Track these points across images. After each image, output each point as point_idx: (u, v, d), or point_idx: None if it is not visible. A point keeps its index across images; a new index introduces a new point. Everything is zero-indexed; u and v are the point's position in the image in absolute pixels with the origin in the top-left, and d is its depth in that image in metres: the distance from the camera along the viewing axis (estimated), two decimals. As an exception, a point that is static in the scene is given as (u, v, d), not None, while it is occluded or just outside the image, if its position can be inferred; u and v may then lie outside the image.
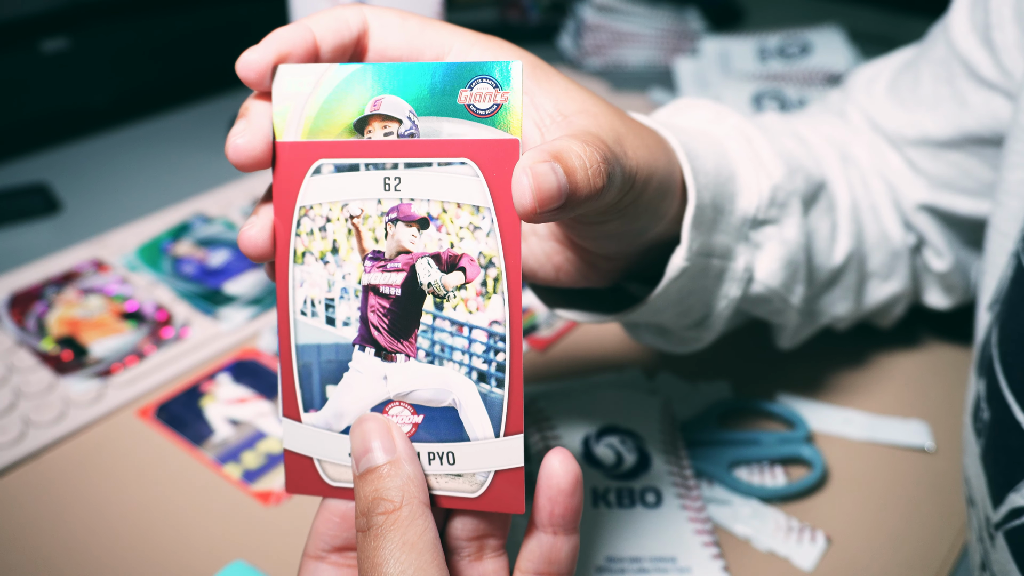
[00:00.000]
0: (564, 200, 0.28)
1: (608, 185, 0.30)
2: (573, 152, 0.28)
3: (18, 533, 0.44)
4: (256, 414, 0.52)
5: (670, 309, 0.41)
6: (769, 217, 0.43)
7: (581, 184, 0.28)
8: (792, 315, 0.48)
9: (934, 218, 0.52)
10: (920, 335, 0.60)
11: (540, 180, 0.27)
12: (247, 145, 0.30)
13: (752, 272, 0.43)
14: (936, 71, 0.51)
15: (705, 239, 0.39)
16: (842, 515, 0.47)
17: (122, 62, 0.83)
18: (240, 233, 0.31)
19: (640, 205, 0.34)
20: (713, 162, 0.40)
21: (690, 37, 1.03)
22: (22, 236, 0.69)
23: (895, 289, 0.54)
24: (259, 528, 0.45)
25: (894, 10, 1.21)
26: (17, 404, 0.51)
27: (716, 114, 0.46)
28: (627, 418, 0.48)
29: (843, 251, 0.50)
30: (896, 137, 0.52)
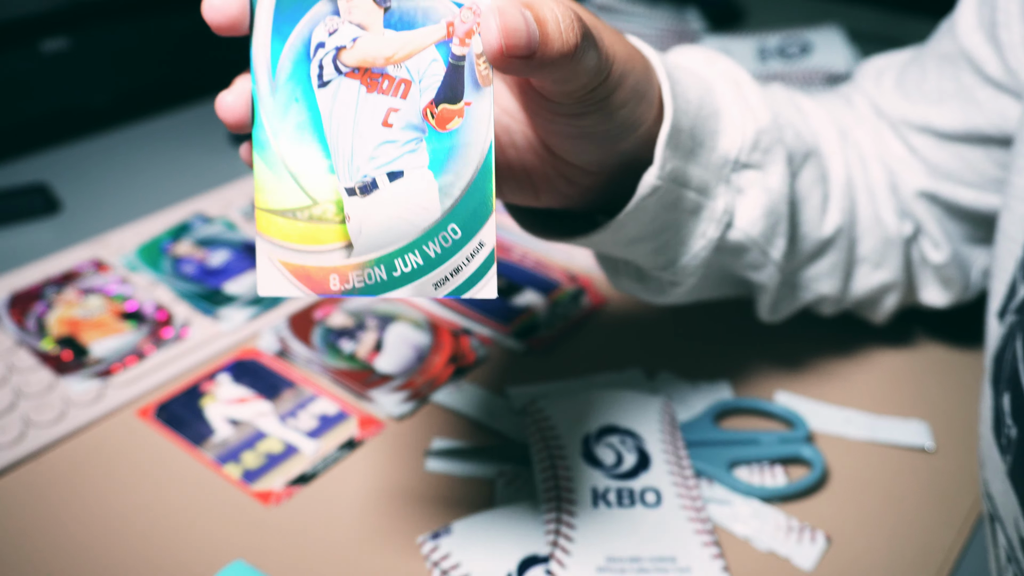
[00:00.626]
0: (534, 48, 0.28)
1: (583, 49, 0.30)
2: (546, 5, 0.29)
3: (18, 533, 0.44)
4: (256, 414, 0.52)
5: (646, 241, 0.41)
6: (752, 161, 0.43)
7: (552, 35, 0.29)
8: (772, 272, 0.47)
9: (934, 206, 0.52)
10: (920, 335, 0.60)
11: (507, 19, 0.28)
12: (222, 4, 0.30)
13: (731, 216, 0.43)
14: (942, 66, 0.50)
15: (680, 165, 0.39)
16: (842, 515, 0.47)
17: (122, 62, 0.83)
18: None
19: (616, 101, 0.34)
20: (696, 94, 0.40)
21: (690, 37, 1.03)
22: (22, 236, 0.69)
23: (886, 278, 0.53)
24: (259, 528, 0.45)
25: (894, 10, 1.21)
26: (17, 404, 0.51)
27: (708, 58, 0.46)
28: (627, 418, 0.48)
29: (833, 223, 0.49)
30: (900, 124, 0.52)
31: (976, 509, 0.47)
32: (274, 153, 0.31)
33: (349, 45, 0.30)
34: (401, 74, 0.30)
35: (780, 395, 0.54)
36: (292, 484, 0.47)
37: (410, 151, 0.30)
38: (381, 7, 0.30)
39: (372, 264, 0.31)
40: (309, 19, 0.30)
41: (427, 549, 0.43)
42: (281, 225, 0.31)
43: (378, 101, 0.30)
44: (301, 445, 0.50)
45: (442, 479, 0.48)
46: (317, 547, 0.44)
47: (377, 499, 0.47)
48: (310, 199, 0.31)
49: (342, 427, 0.51)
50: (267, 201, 0.31)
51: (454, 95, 0.30)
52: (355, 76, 0.30)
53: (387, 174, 0.31)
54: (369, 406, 0.53)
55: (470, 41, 0.30)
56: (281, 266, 0.31)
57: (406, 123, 0.30)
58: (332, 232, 0.31)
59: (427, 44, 0.30)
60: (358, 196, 0.31)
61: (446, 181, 0.30)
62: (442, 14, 0.30)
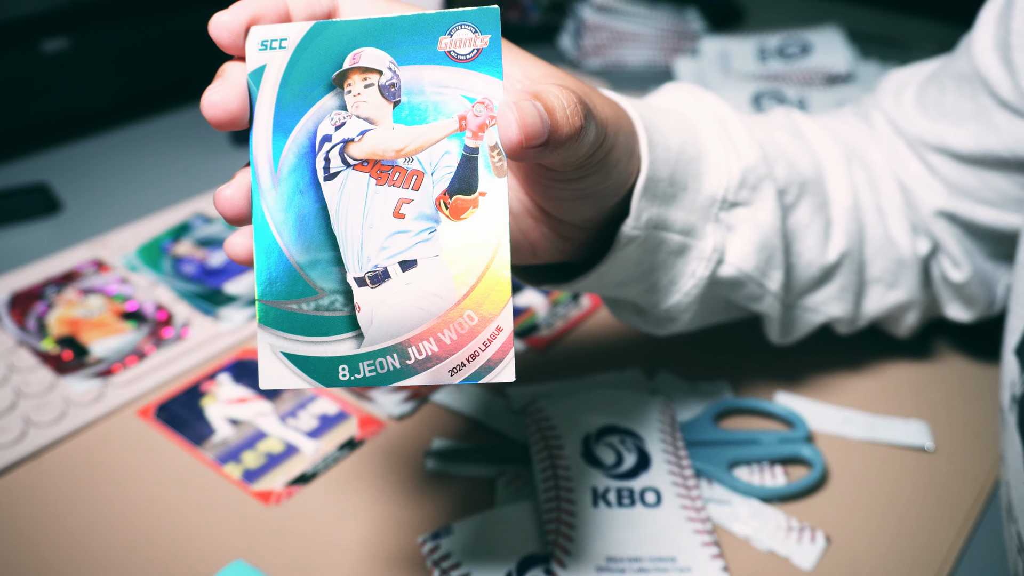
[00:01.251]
0: (547, 136, 0.29)
1: (586, 127, 0.31)
2: (551, 93, 0.30)
3: (18, 533, 0.44)
4: (256, 414, 0.52)
5: (634, 284, 0.43)
6: (740, 199, 0.44)
7: (561, 122, 0.30)
8: (772, 302, 0.48)
9: (953, 226, 0.51)
10: (920, 336, 0.60)
11: (524, 114, 0.29)
12: (222, 101, 0.30)
13: (722, 253, 0.44)
14: (960, 85, 0.50)
15: (659, 212, 0.40)
16: (842, 515, 0.47)
17: (122, 62, 0.83)
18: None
19: (612, 159, 0.36)
20: (678, 140, 0.41)
21: (690, 37, 1.03)
22: (22, 236, 0.69)
23: (901, 298, 0.53)
24: (259, 528, 0.45)
25: (894, 10, 1.21)
26: (18, 404, 0.51)
27: (695, 97, 0.46)
28: (627, 418, 0.48)
29: (837, 249, 0.49)
30: (917, 142, 0.52)
31: (976, 509, 0.47)
32: (277, 245, 0.30)
33: (357, 138, 0.30)
34: (412, 166, 0.30)
35: (780, 395, 0.54)
36: (292, 484, 0.47)
37: (423, 240, 0.30)
38: (390, 102, 0.30)
39: (384, 353, 0.30)
40: (314, 113, 0.30)
41: (427, 549, 0.43)
42: (284, 316, 0.31)
43: (389, 193, 0.30)
44: (301, 445, 0.50)
45: (442, 479, 0.48)
46: (317, 547, 0.44)
47: (377, 499, 0.47)
48: (316, 290, 0.30)
49: (342, 427, 0.51)
50: (270, 293, 0.31)
51: (468, 186, 0.30)
52: (364, 169, 0.30)
53: (399, 263, 0.30)
54: (369, 406, 0.53)
55: (483, 134, 0.30)
56: (284, 358, 0.31)
57: (419, 213, 0.30)
58: (340, 322, 0.30)
59: (439, 137, 0.30)
60: (368, 286, 0.31)
61: (460, 269, 0.30)
62: (454, 108, 0.30)
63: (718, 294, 0.47)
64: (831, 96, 0.86)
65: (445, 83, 0.30)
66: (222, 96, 0.30)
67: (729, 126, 0.45)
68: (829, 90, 0.87)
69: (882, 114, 0.54)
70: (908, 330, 0.56)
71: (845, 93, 0.86)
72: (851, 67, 0.91)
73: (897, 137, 0.53)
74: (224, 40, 0.30)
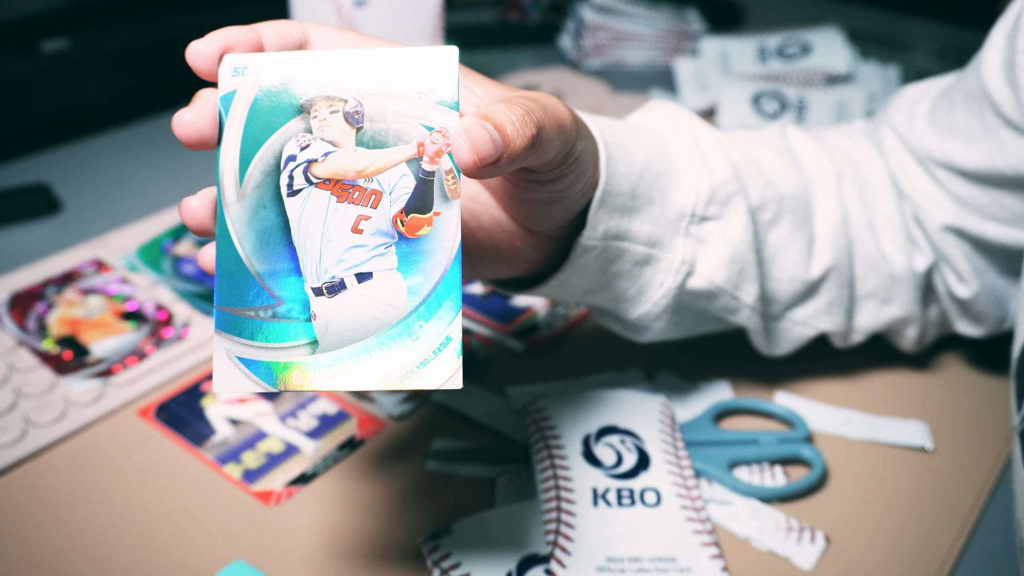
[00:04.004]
0: (500, 153, 0.31)
1: (539, 135, 0.33)
2: (498, 110, 0.32)
3: (18, 533, 0.44)
4: (256, 414, 0.52)
5: (600, 292, 0.45)
6: (710, 214, 0.45)
7: (512, 136, 0.32)
8: (750, 315, 0.49)
9: (962, 241, 0.51)
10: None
11: (474, 137, 0.31)
12: (192, 121, 0.32)
13: (692, 266, 0.46)
14: (969, 103, 0.50)
15: (618, 224, 0.42)
16: (842, 515, 0.47)
17: (122, 62, 0.83)
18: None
19: (584, 160, 0.38)
20: (644, 156, 0.43)
21: (690, 37, 1.03)
22: (22, 236, 0.69)
23: (897, 313, 0.53)
24: (259, 528, 0.45)
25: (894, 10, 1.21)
26: (18, 404, 0.51)
27: (674, 116, 0.48)
28: (627, 418, 0.48)
29: (821, 264, 0.50)
30: (925, 158, 0.52)
31: (976, 509, 0.48)
32: (238, 256, 0.32)
33: (321, 159, 0.32)
34: (372, 186, 0.32)
35: (780, 395, 0.54)
36: (292, 484, 0.47)
37: (379, 255, 0.32)
38: (354, 127, 0.32)
39: (337, 359, 0.32)
40: (280, 135, 0.32)
41: (427, 549, 0.43)
42: (242, 323, 0.32)
43: (348, 210, 0.32)
44: (301, 445, 0.50)
45: (442, 479, 0.48)
46: (317, 547, 0.44)
47: (377, 499, 0.47)
48: (274, 298, 0.32)
49: (342, 427, 0.51)
50: (228, 300, 0.32)
51: (424, 206, 0.32)
52: (325, 187, 0.32)
53: (356, 275, 0.32)
54: (369, 406, 0.53)
55: (439, 160, 0.32)
56: (240, 362, 0.32)
57: (376, 229, 0.32)
58: (296, 330, 0.32)
59: (398, 161, 0.32)
60: (325, 296, 0.32)
61: (414, 282, 0.32)
62: (413, 136, 0.32)
63: (696, 306, 0.48)
64: (831, 96, 0.86)
65: (406, 112, 0.32)
66: (192, 117, 0.32)
67: (702, 144, 0.47)
68: (829, 90, 0.87)
69: (891, 129, 0.54)
70: (912, 344, 0.55)
71: (845, 93, 0.86)
72: (851, 67, 0.91)
73: (906, 152, 0.53)
74: (199, 66, 0.33)
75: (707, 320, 0.51)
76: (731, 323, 0.51)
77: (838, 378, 0.56)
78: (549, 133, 0.34)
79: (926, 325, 0.55)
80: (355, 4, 0.68)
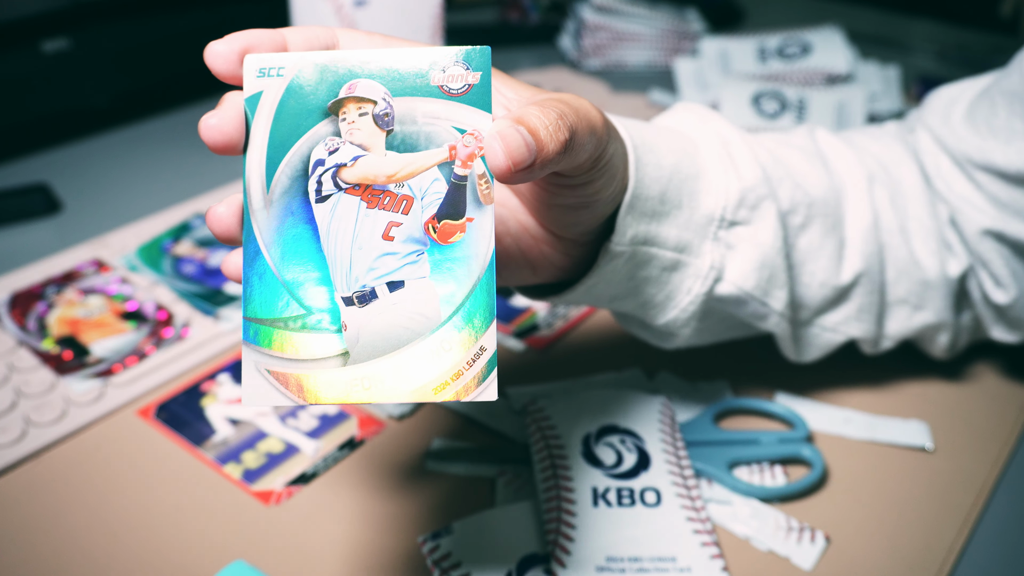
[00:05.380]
0: (534, 157, 0.31)
1: (572, 139, 0.32)
2: (532, 114, 0.32)
3: (18, 533, 0.44)
4: (256, 414, 0.52)
5: (627, 298, 0.44)
6: (739, 218, 0.44)
7: (546, 140, 0.31)
8: (778, 321, 0.48)
9: (1001, 245, 0.50)
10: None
11: (509, 141, 0.30)
12: (219, 124, 0.31)
13: (720, 271, 0.45)
14: (1012, 104, 0.49)
15: (648, 229, 0.41)
16: (842, 515, 0.47)
17: (122, 62, 0.83)
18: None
19: (614, 164, 0.37)
20: (673, 159, 0.42)
21: (690, 37, 1.03)
22: (22, 236, 0.69)
23: (929, 319, 0.52)
24: (259, 528, 0.45)
25: (894, 10, 1.21)
26: (18, 404, 0.51)
27: (701, 118, 0.47)
28: (627, 418, 0.48)
29: (852, 270, 0.49)
30: (964, 160, 0.51)
31: (976, 509, 0.48)
32: (266, 264, 0.31)
33: (350, 163, 0.31)
34: (403, 191, 0.31)
35: (780, 395, 0.54)
36: (292, 484, 0.47)
37: (411, 263, 0.31)
38: (383, 130, 0.31)
39: (369, 371, 0.31)
40: (308, 139, 0.31)
41: (427, 549, 0.43)
42: (271, 335, 0.31)
43: (379, 216, 0.31)
44: (301, 445, 0.50)
45: (442, 479, 0.48)
46: (317, 547, 0.44)
47: (377, 499, 0.47)
48: (304, 308, 0.31)
49: (342, 427, 0.51)
50: (256, 311, 0.31)
51: (456, 212, 0.31)
52: (355, 192, 0.31)
53: (387, 284, 0.31)
54: (369, 406, 0.53)
55: (472, 164, 0.31)
56: (270, 375, 0.31)
57: (407, 236, 0.31)
58: (327, 341, 0.31)
59: (430, 165, 0.31)
60: (356, 306, 0.31)
61: (447, 290, 0.31)
62: (444, 139, 0.31)
63: (723, 312, 0.47)
64: (831, 96, 0.86)
65: (437, 115, 0.31)
66: (219, 120, 0.31)
67: (731, 147, 0.46)
68: (829, 90, 0.87)
69: (927, 131, 0.53)
70: (944, 351, 0.55)
71: (845, 93, 0.86)
72: (851, 67, 0.91)
73: (943, 154, 0.52)
74: (218, 67, 0.31)
75: (734, 326, 0.50)
76: (759, 329, 0.51)
77: (838, 378, 0.56)
78: (582, 137, 0.33)
79: (958, 331, 0.54)
80: (355, 4, 0.68)
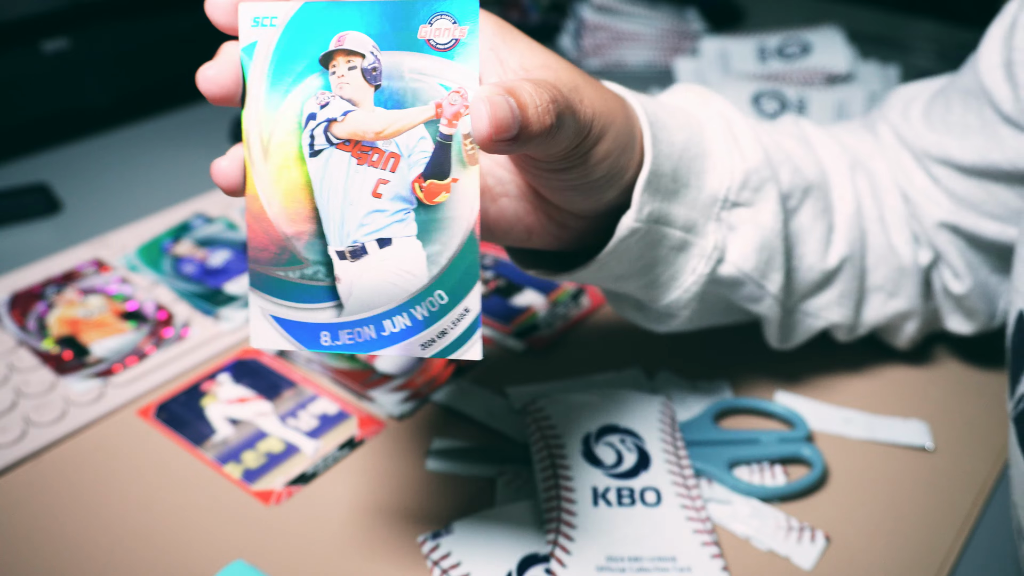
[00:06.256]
0: (517, 131, 0.30)
1: (558, 124, 0.32)
2: (524, 90, 0.31)
3: (18, 533, 0.44)
4: (256, 414, 0.52)
5: (634, 278, 0.43)
6: (742, 200, 0.45)
7: (532, 118, 0.31)
8: (771, 304, 0.48)
9: (956, 237, 0.52)
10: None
11: (496, 108, 0.30)
12: (217, 76, 0.31)
13: (723, 252, 0.45)
14: (967, 100, 0.50)
15: (661, 207, 0.41)
16: (842, 515, 0.47)
17: (122, 62, 0.83)
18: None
19: (597, 155, 0.36)
20: (683, 137, 0.42)
21: (690, 37, 1.03)
22: (22, 236, 0.69)
23: (902, 306, 0.53)
24: (259, 528, 0.45)
25: (894, 10, 1.21)
26: (18, 404, 0.51)
27: (703, 99, 0.47)
28: (627, 417, 0.48)
29: (838, 254, 0.50)
30: (922, 155, 0.52)
31: (976, 509, 0.48)
32: (267, 215, 0.32)
33: (340, 118, 0.32)
34: (390, 148, 0.32)
35: (780, 395, 0.54)
36: (292, 484, 0.47)
37: (398, 220, 0.32)
38: (372, 85, 0.32)
39: (361, 324, 0.32)
40: (300, 91, 0.32)
41: (427, 548, 0.43)
42: (273, 283, 0.32)
43: (368, 173, 0.32)
44: (301, 445, 0.50)
45: (442, 479, 0.48)
46: (317, 547, 0.44)
47: (377, 499, 0.47)
48: (301, 260, 0.32)
49: (342, 427, 0.51)
50: (259, 259, 0.32)
51: (442, 172, 0.32)
52: (345, 148, 0.32)
53: (376, 240, 0.32)
54: (369, 406, 0.53)
55: (457, 123, 0.31)
56: (273, 320, 0.32)
57: (395, 195, 0.32)
58: (322, 291, 0.32)
59: (416, 122, 0.31)
60: (348, 260, 0.32)
61: (433, 250, 0.32)
62: (431, 96, 0.31)
63: (718, 294, 0.48)
64: (831, 96, 0.86)
65: (423, 70, 0.31)
66: (216, 71, 0.31)
67: (735, 127, 0.46)
68: (829, 90, 0.87)
69: (889, 127, 0.55)
70: (907, 341, 0.56)
71: (845, 93, 0.86)
72: (851, 67, 0.91)
73: (903, 149, 0.53)
74: (218, 18, 0.32)
75: (725, 311, 0.51)
76: (747, 314, 0.51)
77: (838, 378, 0.56)
78: (567, 128, 0.33)
79: (923, 321, 0.55)
80: None
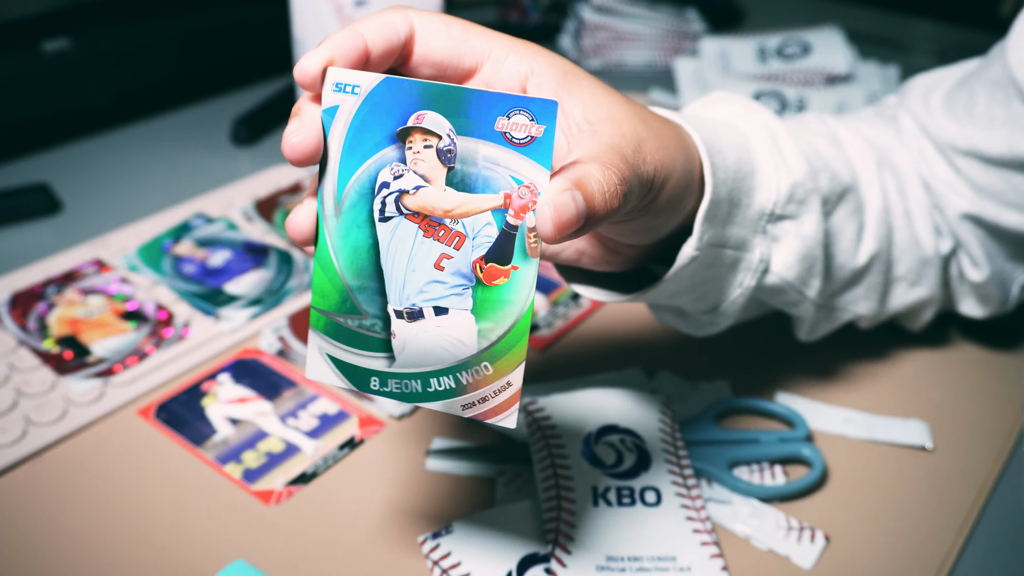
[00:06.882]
0: (583, 222, 0.31)
1: (625, 201, 0.33)
2: (592, 178, 0.32)
3: (18, 533, 0.44)
4: (257, 414, 0.52)
5: (685, 294, 0.44)
6: (787, 213, 0.45)
7: (599, 206, 0.32)
8: (808, 307, 0.49)
9: (978, 228, 0.52)
10: (920, 336, 0.60)
11: (560, 212, 0.31)
12: (302, 144, 0.32)
13: (768, 263, 0.45)
14: (993, 92, 0.51)
15: (718, 231, 0.42)
16: (842, 515, 0.47)
17: (122, 62, 0.83)
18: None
19: (658, 205, 0.37)
20: (734, 157, 0.42)
21: (690, 37, 1.03)
22: (23, 236, 0.69)
23: (923, 295, 0.54)
24: (259, 528, 0.45)
25: (894, 10, 1.21)
26: (18, 404, 0.51)
27: (745, 109, 0.47)
28: (627, 417, 0.48)
29: (867, 252, 0.51)
30: (946, 146, 0.52)
31: (976, 509, 0.48)
32: (333, 267, 0.34)
33: (412, 191, 0.33)
34: (457, 227, 0.33)
35: (780, 395, 0.54)
36: (292, 484, 0.47)
37: (456, 294, 0.33)
38: (445, 166, 0.33)
39: (410, 377, 0.34)
40: (376, 160, 0.33)
41: (427, 548, 0.43)
42: (332, 326, 0.35)
43: (433, 246, 0.33)
44: (302, 445, 0.50)
45: (442, 479, 0.48)
46: (317, 547, 0.44)
47: (377, 499, 0.47)
48: (361, 312, 0.34)
49: (342, 427, 0.51)
50: (322, 304, 0.35)
51: (503, 258, 0.33)
52: (414, 220, 0.33)
53: (433, 307, 0.34)
54: (369, 406, 0.53)
55: (524, 216, 0.32)
56: (328, 359, 0.35)
57: (456, 270, 0.33)
58: (377, 343, 0.34)
59: (484, 208, 0.33)
60: (405, 319, 0.34)
61: (485, 326, 0.33)
62: (501, 185, 0.32)
63: (757, 298, 0.49)
64: (831, 96, 0.86)
65: (496, 160, 0.32)
66: (301, 139, 0.32)
67: (779, 140, 0.46)
68: (829, 90, 0.87)
69: (911, 117, 0.55)
70: (923, 324, 0.57)
71: (845, 93, 0.86)
72: (851, 67, 0.91)
73: (924, 139, 0.54)
74: (306, 83, 0.33)
75: (756, 308, 0.51)
76: (777, 310, 0.52)
77: (838, 378, 0.56)
78: (631, 197, 0.33)
79: (939, 305, 0.56)
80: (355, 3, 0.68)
